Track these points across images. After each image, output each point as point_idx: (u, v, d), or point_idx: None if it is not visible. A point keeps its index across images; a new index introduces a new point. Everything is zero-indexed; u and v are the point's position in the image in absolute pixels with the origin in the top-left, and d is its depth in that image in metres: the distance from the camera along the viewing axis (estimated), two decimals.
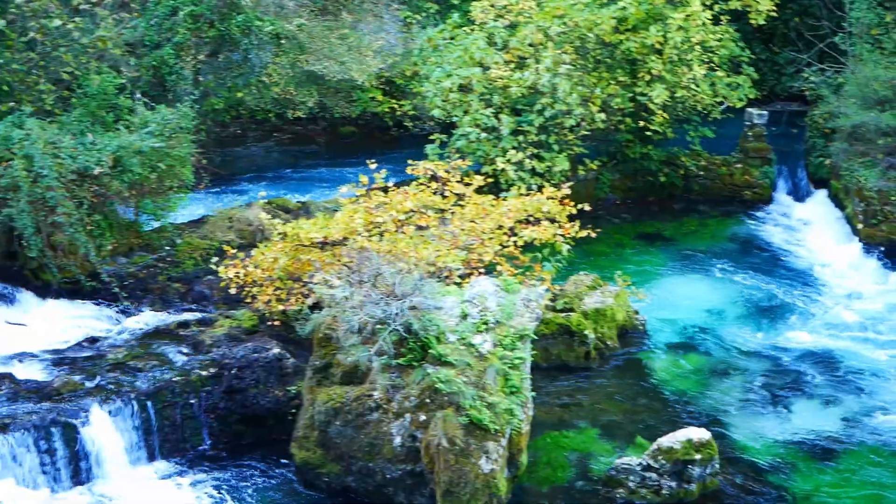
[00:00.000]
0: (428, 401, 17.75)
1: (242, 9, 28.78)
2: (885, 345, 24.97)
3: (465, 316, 18.82)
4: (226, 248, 23.09)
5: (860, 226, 30.55)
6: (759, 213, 33.38)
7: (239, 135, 37.27)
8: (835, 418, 21.70)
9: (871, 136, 31.19)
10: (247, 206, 26.88)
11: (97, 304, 23.69)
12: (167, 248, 25.29)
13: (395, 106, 36.60)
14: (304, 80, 33.69)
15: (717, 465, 18.96)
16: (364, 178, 22.19)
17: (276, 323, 21.85)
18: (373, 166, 22.63)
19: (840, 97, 32.83)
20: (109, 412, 19.23)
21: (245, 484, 19.31)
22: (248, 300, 22.05)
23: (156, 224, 25.78)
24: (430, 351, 17.95)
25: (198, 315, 22.92)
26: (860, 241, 30.44)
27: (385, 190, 22.17)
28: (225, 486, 19.18)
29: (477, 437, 17.38)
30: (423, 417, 17.75)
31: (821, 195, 33.89)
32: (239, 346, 21.00)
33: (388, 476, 18.20)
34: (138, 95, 26.58)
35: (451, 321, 18.66)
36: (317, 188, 32.34)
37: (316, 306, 20.33)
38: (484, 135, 29.30)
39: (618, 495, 18.71)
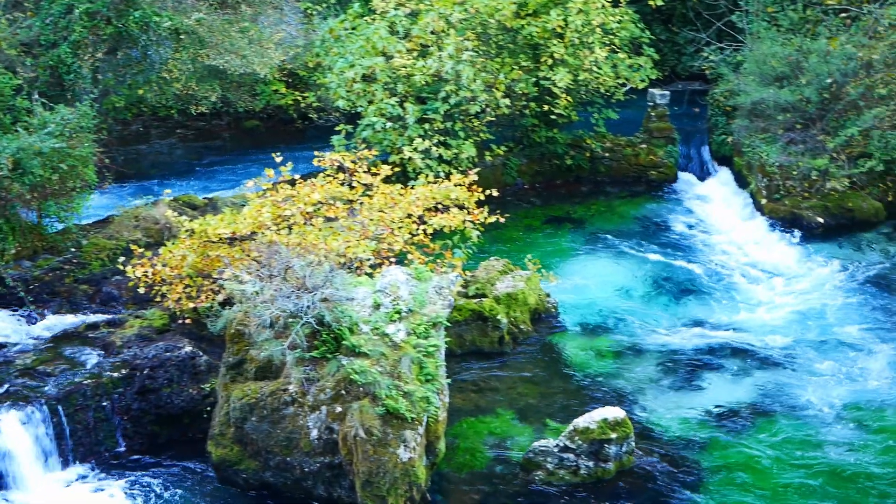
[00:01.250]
0: (343, 392, 17.71)
1: (139, 4, 28.33)
2: (791, 317, 25.46)
3: (377, 306, 18.82)
4: (133, 247, 22.79)
5: (764, 201, 31.10)
6: (665, 193, 33.81)
7: (142, 132, 36.78)
8: (745, 394, 22.04)
9: (770, 113, 31.76)
10: (153, 204, 26.50)
11: (2, 310, 23.19)
12: (73, 249, 24.85)
13: (299, 98, 36.41)
14: (205, 75, 33.33)
15: (633, 443, 19.19)
16: (270, 172, 22.02)
17: (188, 321, 21.65)
18: (278, 159, 22.46)
19: (739, 75, 33.37)
20: (20, 419, 18.86)
21: (162, 484, 19.10)
22: (158, 299, 21.80)
23: (60, 226, 25.33)
24: (343, 342, 17.90)
25: (107, 316, 22.55)
26: (764, 216, 31.00)
27: (292, 183, 22.02)
28: (142, 488, 18.95)
29: (394, 427, 17.39)
30: (339, 409, 17.70)
31: (724, 172, 34.42)
32: (150, 345, 20.76)
33: (306, 469, 18.14)
34: (36, 96, 26.07)
35: (363, 312, 18.64)
36: (223, 183, 32.04)
37: (227, 302, 20.18)
38: (389, 124, 29.24)
39: (536, 477, 18.85)
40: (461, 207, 22.74)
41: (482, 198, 22.94)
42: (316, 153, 23.24)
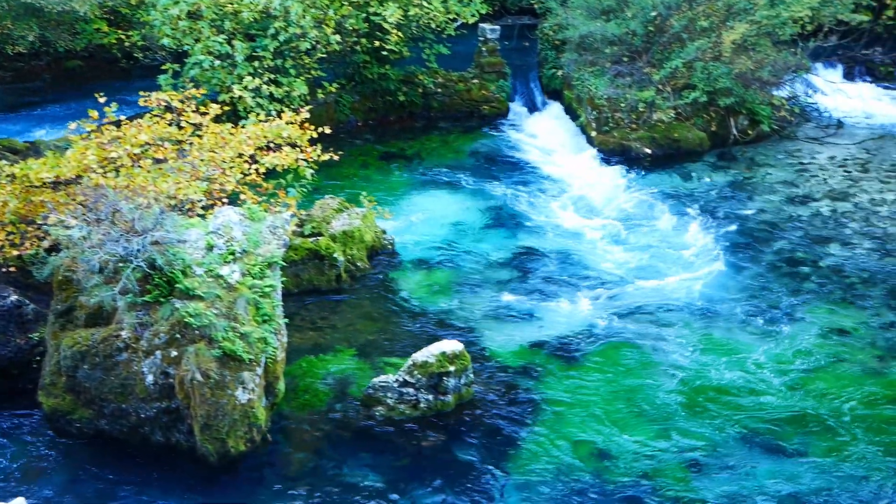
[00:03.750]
0: (178, 336, 17.39)
1: None
2: (624, 246, 25.99)
3: (210, 247, 18.49)
4: None
5: (594, 133, 31.58)
6: (497, 127, 34.06)
7: None
8: (580, 322, 22.43)
9: (598, 46, 32.19)
10: None
11: None
12: None
13: (123, 37, 35.34)
14: (21, 13, 32.02)
15: (472, 375, 19.38)
16: (94, 113, 21.34)
17: (12, 269, 20.86)
18: (102, 100, 21.78)
19: (567, 8, 33.69)
20: None
21: None
22: None
23: None
24: (176, 286, 17.55)
25: None
26: (594, 147, 31.50)
27: (118, 124, 21.39)
28: None
29: (231, 369, 17.18)
30: (174, 353, 17.38)
31: (555, 106, 34.85)
32: None
33: (142, 416, 17.80)
34: None
35: (196, 254, 18.29)
36: (45, 126, 30.98)
37: (53, 249, 19.54)
38: (218, 62, 28.64)
39: (377, 413, 18.90)
40: (294, 146, 22.45)
41: (315, 136, 22.70)
42: (142, 93, 22.58)
